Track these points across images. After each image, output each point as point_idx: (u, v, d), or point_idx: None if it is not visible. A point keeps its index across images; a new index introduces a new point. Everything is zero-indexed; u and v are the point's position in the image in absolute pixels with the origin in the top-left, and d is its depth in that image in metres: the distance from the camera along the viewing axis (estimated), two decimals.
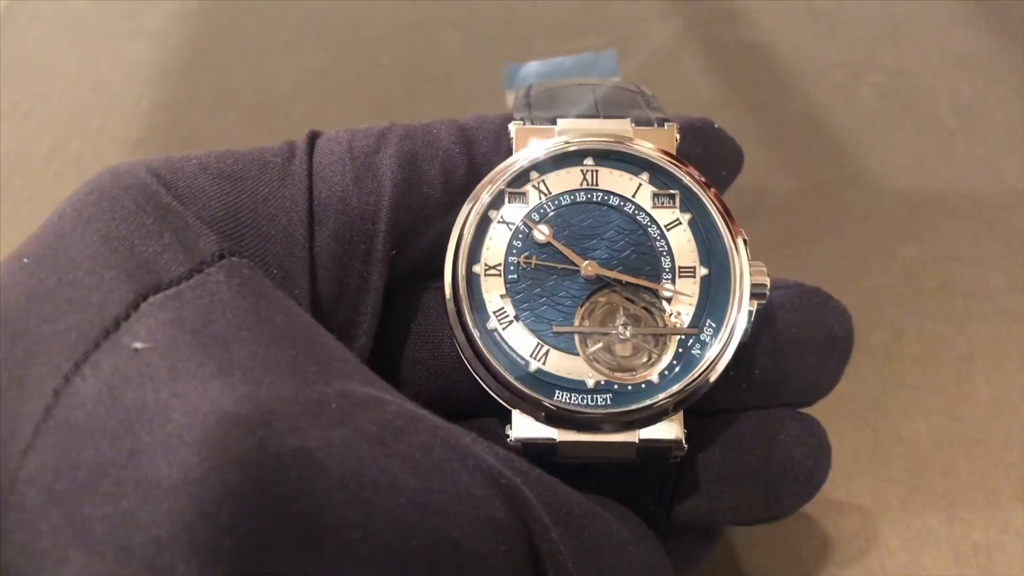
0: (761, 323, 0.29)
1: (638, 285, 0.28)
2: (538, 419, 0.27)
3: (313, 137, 0.30)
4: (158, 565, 0.19)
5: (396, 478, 0.22)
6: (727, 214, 0.28)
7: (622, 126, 0.29)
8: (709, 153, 0.31)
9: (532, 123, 0.30)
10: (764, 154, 0.53)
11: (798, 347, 0.29)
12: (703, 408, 0.28)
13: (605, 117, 0.30)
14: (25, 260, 0.25)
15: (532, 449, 0.27)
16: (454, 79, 0.58)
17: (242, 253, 0.26)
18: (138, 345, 0.22)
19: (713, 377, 0.27)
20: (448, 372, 0.29)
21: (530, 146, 0.29)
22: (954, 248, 0.49)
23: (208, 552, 0.19)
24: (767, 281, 0.27)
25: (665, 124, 0.29)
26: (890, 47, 0.61)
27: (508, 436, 0.27)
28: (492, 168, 0.29)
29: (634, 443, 0.27)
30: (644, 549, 0.27)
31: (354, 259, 0.28)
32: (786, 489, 0.29)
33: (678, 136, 0.29)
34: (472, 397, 0.28)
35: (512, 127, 0.29)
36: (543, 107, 0.31)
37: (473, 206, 0.28)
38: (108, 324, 0.23)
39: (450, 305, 0.28)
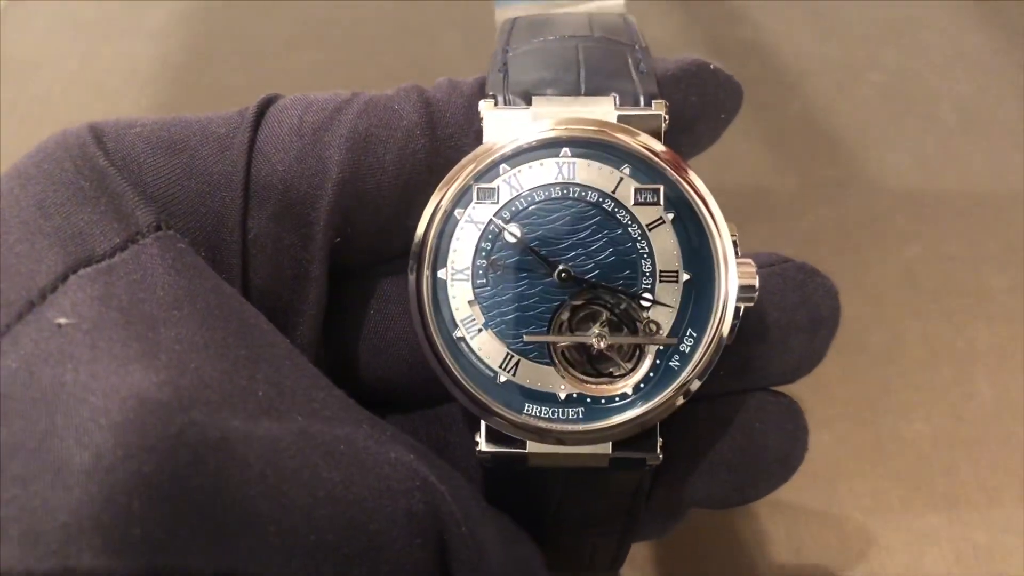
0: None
1: (615, 291, 0.26)
2: (510, 433, 0.26)
3: (265, 104, 0.27)
4: (64, 553, 0.19)
5: (317, 470, 0.22)
6: (714, 210, 0.26)
7: (604, 109, 0.26)
8: (705, 99, 0.29)
9: (505, 102, 0.27)
10: (764, 154, 0.53)
11: (781, 332, 0.27)
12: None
13: (587, 94, 0.27)
14: None
15: (501, 460, 0.26)
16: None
17: (174, 228, 0.25)
18: (62, 320, 0.21)
19: (692, 389, 0.25)
20: (409, 360, 0.28)
21: (500, 133, 0.26)
22: (954, 248, 0.49)
23: (117, 542, 0.19)
24: (756, 283, 0.25)
25: (653, 103, 0.27)
26: (890, 47, 0.61)
27: (477, 444, 0.26)
28: (457, 151, 0.27)
29: (607, 455, 0.26)
30: (531, 548, 0.28)
31: (293, 244, 0.26)
32: (761, 476, 0.28)
33: (667, 118, 0.26)
34: (435, 385, 0.27)
35: (483, 107, 0.27)
36: (519, 72, 0.28)
37: (438, 203, 0.26)
38: (34, 296, 0.22)
39: (414, 312, 0.26)
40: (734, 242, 0.26)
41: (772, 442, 0.28)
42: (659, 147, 0.26)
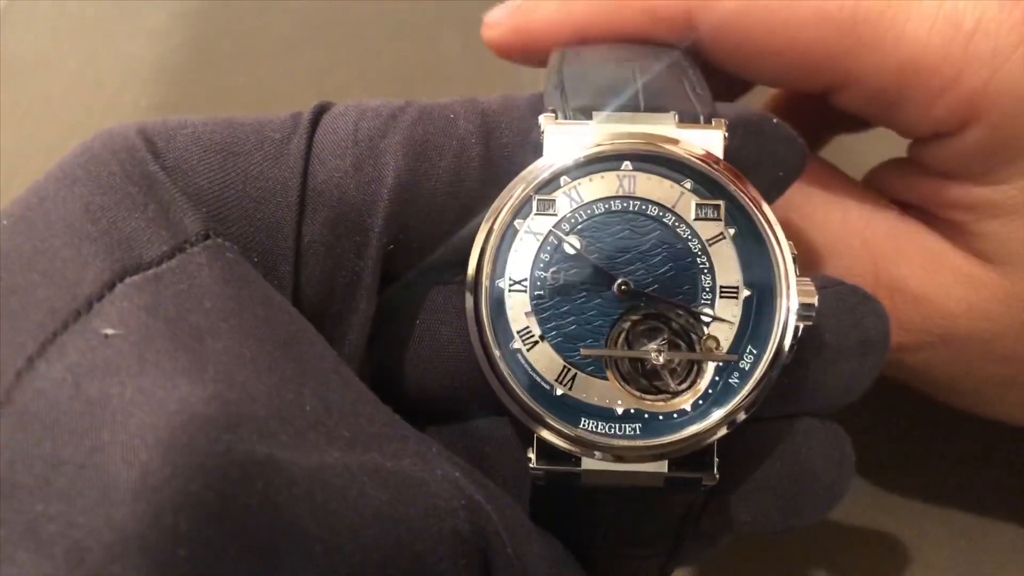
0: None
1: (674, 306, 0.25)
2: (565, 448, 0.25)
3: (320, 111, 0.27)
4: (108, 572, 0.18)
5: (364, 488, 0.22)
6: (775, 227, 0.26)
7: (665, 123, 0.26)
8: (763, 151, 0.28)
9: (565, 116, 0.27)
10: None
11: (832, 355, 0.27)
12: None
13: (647, 110, 0.27)
14: (4, 222, 0.23)
15: (554, 476, 0.26)
16: (454, 79, 0.58)
17: (227, 235, 0.25)
18: (109, 331, 0.21)
19: (751, 407, 0.25)
20: (454, 372, 0.28)
21: (561, 146, 0.26)
22: None
23: (162, 563, 0.18)
24: (815, 301, 0.25)
25: (713, 120, 0.27)
26: None
27: (530, 460, 0.26)
28: (512, 162, 0.27)
29: (663, 474, 0.25)
30: (576, 570, 0.27)
31: (347, 252, 0.26)
32: (806, 502, 0.28)
33: (726, 135, 0.26)
34: (480, 397, 0.27)
35: (543, 121, 0.27)
36: (578, 92, 0.28)
37: (498, 214, 0.26)
38: (80, 304, 0.21)
39: (471, 323, 0.26)
40: (794, 258, 0.26)
41: (819, 468, 0.27)
42: (720, 162, 0.26)
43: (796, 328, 0.25)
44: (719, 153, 0.26)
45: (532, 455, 0.26)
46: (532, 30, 0.33)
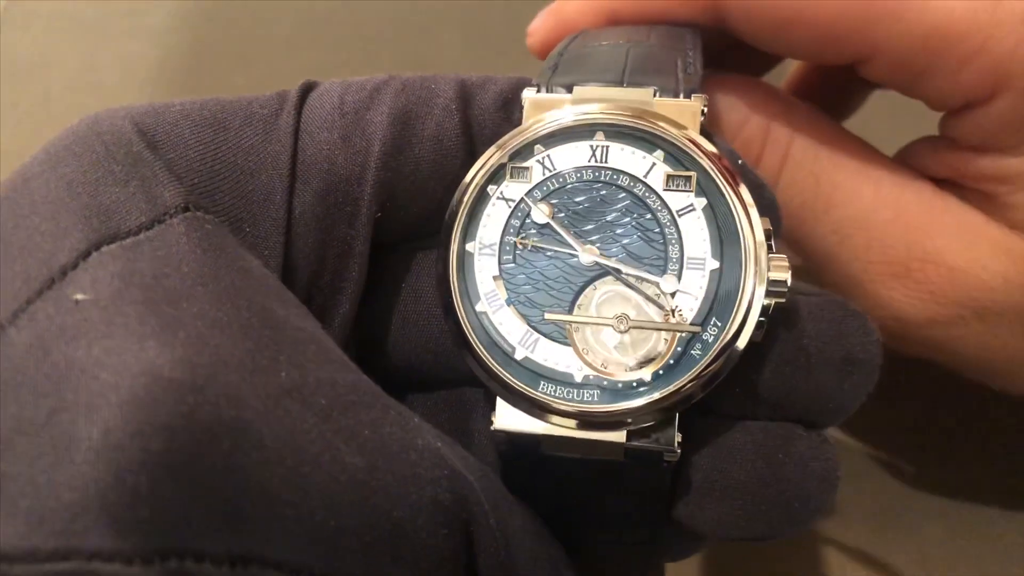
0: (777, 327, 0.26)
1: (640, 276, 0.25)
2: (523, 410, 0.25)
3: (306, 89, 0.28)
4: (70, 531, 0.18)
5: (339, 454, 0.21)
6: (746, 200, 0.25)
7: (643, 97, 0.27)
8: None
9: (548, 91, 0.27)
10: None
11: (808, 362, 0.26)
12: (707, 408, 0.26)
13: (628, 85, 0.27)
14: None
15: (515, 440, 0.26)
16: None
17: (216, 207, 0.25)
18: (79, 296, 0.21)
19: (712, 381, 0.25)
20: (438, 337, 0.28)
21: (538, 116, 0.27)
22: None
23: (124, 522, 0.18)
24: (787, 277, 0.25)
25: (692, 96, 0.27)
26: None
27: (492, 423, 0.26)
28: (488, 130, 0.27)
29: (620, 444, 0.25)
30: (557, 547, 0.27)
31: (338, 222, 0.26)
32: (775, 510, 0.26)
33: (705, 109, 0.26)
34: (461, 365, 0.27)
35: (525, 95, 0.27)
36: (568, 69, 0.28)
37: (473, 180, 0.26)
38: (55, 273, 0.21)
39: (439, 283, 0.26)
40: (768, 233, 0.25)
41: (794, 477, 0.26)
42: (694, 135, 0.26)
43: (767, 308, 0.25)
44: (695, 127, 0.26)
45: (495, 417, 0.26)
46: (566, 22, 0.34)
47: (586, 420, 0.25)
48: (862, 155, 0.33)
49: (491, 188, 0.27)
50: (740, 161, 0.28)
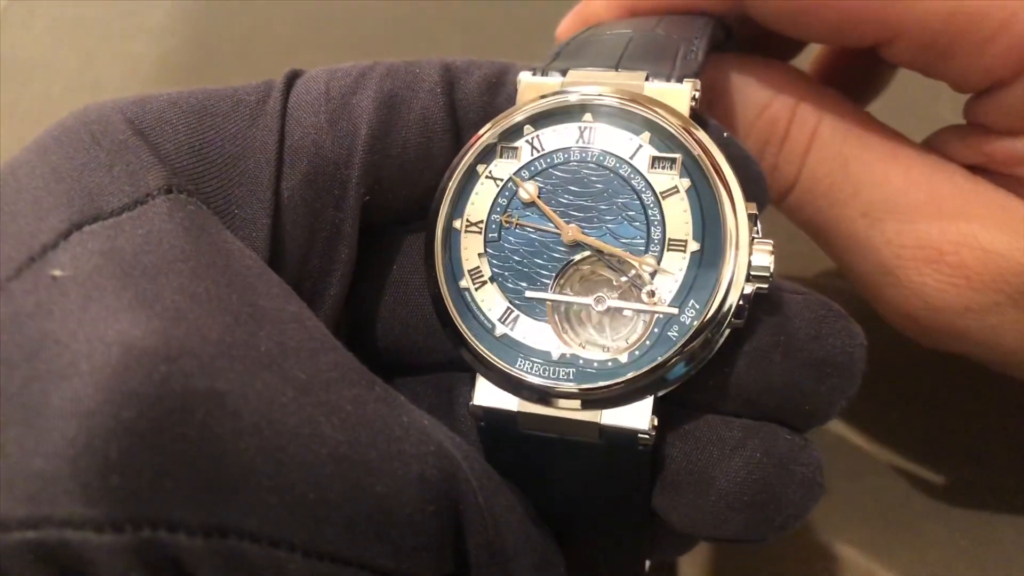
0: (757, 321, 0.25)
1: (621, 256, 0.26)
2: (501, 387, 0.26)
3: (292, 77, 0.28)
4: (40, 499, 0.18)
5: (319, 427, 0.21)
6: (731, 183, 0.25)
7: (634, 81, 0.27)
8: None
9: (544, 74, 0.28)
10: None
11: (785, 360, 0.25)
12: (684, 401, 0.26)
13: (622, 69, 0.28)
14: None
15: (492, 416, 0.26)
16: None
17: (203, 191, 0.25)
18: (57, 273, 0.21)
19: (688, 363, 0.24)
20: (426, 320, 0.28)
21: (530, 97, 0.27)
22: None
23: (95, 489, 0.18)
24: (770, 263, 0.24)
25: (684, 80, 0.27)
26: None
27: (471, 399, 0.26)
28: (473, 113, 0.28)
29: (596, 424, 0.25)
30: (544, 528, 0.27)
31: (326, 205, 0.27)
32: (751, 512, 0.25)
33: (697, 94, 0.27)
34: (449, 348, 0.27)
35: (520, 78, 0.28)
36: (568, 55, 0.29)
37: (461, 157, 0.27)
38: (35, 252, 0.22)
39: (424, 258, 0.27)
40: (751, 217, 0.25)
41: (772, 479, 0.25)
42: (681, 118, 0.26)
43: (748, 296, 0.24)
44: (684, 110, 0.26)
45: (474, 392, 0.26)
46: (589, 21, 0.35)
47: (562, 398, 0.25)
48: (890, 138, 0.32)
49: (480, 167, 0.27)
50: (726, 134, 0.28)
